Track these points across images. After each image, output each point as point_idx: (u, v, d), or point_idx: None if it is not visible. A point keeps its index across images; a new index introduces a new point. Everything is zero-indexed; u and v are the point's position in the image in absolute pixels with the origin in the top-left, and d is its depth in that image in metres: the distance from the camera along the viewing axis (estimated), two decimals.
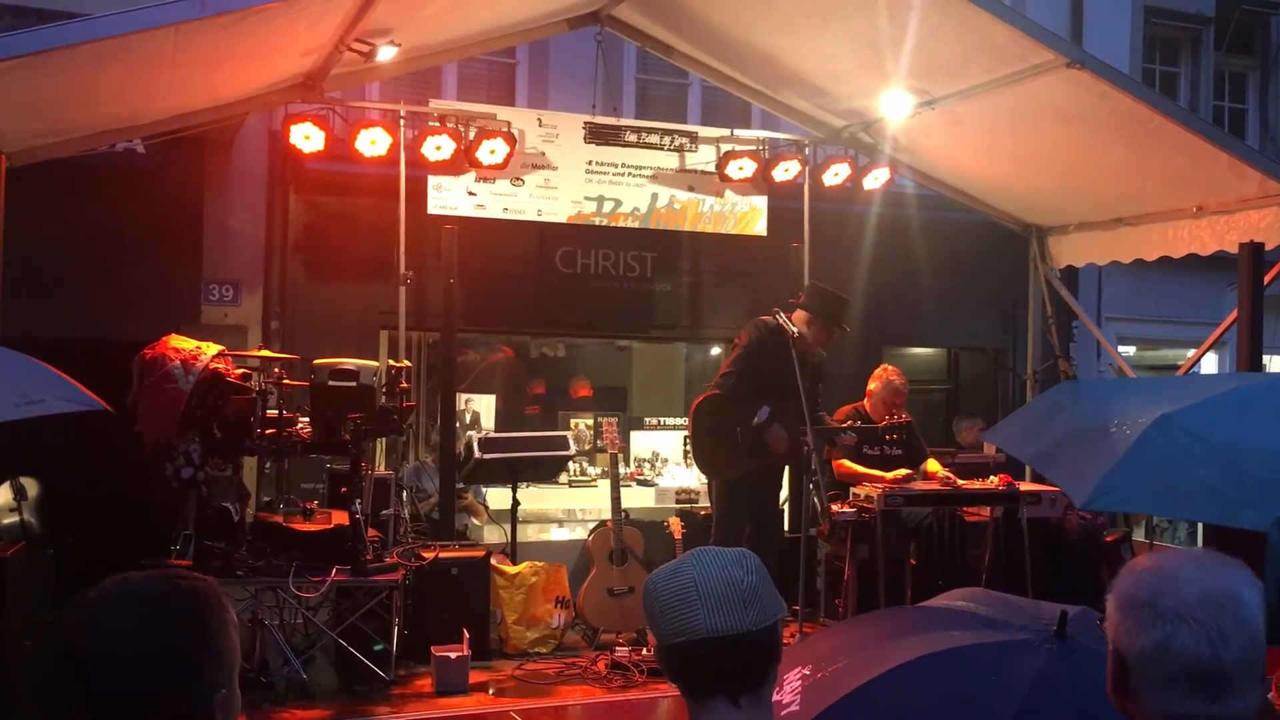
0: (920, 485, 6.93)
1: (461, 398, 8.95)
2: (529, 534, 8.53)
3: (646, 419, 9.92)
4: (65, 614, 1.50)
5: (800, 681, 2.74)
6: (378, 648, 5.97)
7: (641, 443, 9.66)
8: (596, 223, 7.95)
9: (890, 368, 7.26)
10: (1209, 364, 10.77)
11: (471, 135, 7.23)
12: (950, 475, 6.99)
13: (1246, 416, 3.04)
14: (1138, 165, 7.10)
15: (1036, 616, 2.93)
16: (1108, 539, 7.59)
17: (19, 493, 7.09)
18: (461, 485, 7.72)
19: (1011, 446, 3.76)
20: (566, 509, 9.27)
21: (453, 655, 5.85)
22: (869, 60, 6.78)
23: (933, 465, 7.15)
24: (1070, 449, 3.16)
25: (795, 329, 6.29)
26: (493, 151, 7.23)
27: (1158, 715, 1.74)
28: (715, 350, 10.15)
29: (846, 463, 7.12)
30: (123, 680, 1.45)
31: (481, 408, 9.49)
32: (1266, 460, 2.81)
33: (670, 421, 9.78)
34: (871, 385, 7.20)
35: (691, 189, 8.12)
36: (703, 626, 1.85)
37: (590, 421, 9.64)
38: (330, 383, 5.76)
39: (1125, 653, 1.81)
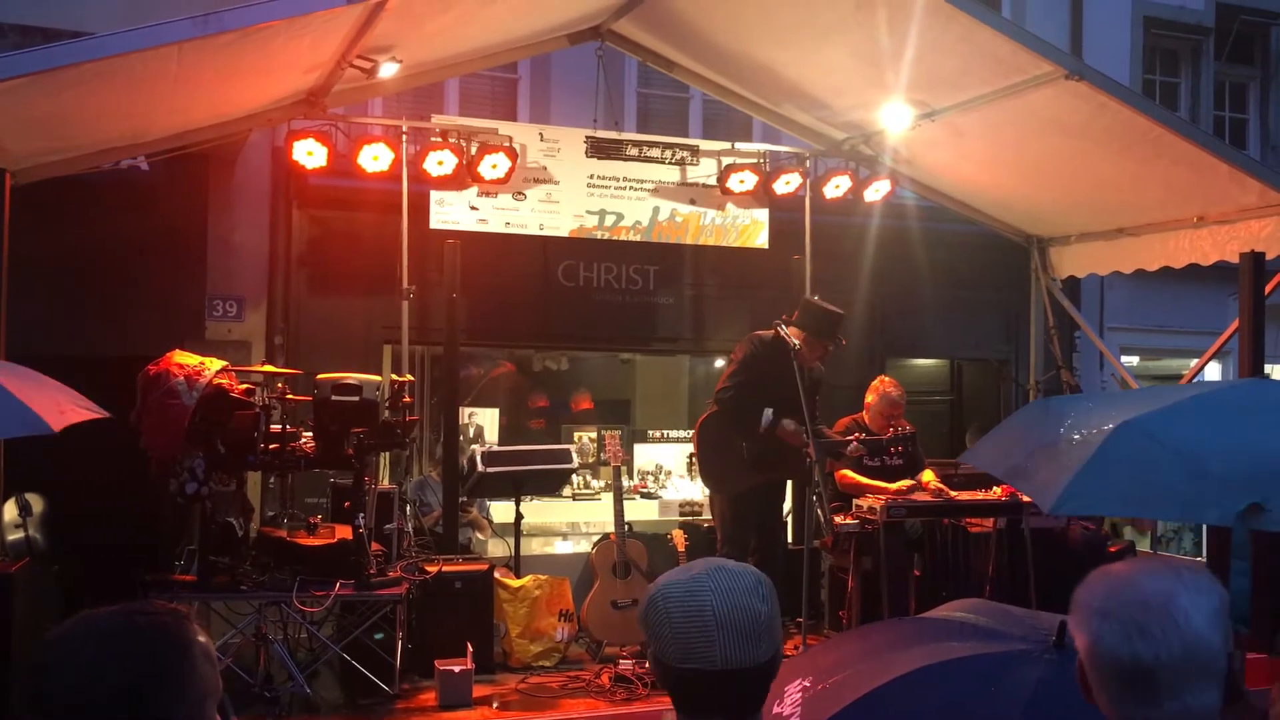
0: (923, 497, 6.94)
1: (465, 412, 8.98)
2: (533, 547, 8.54)
3: (650, 432, 9.94)
4: (30, 655, 1.51)
5: (800, 693, 2.75)
6: (378, 636, 5.99)
7: (645, 455, 9.68)
8: (598, 236, 7.98)
9: (887, 379, 7.27)
10: (1212, 373, 10.77)
11: (473, 150, 7.26)
12: (942, 486, 6.99)
13: (1205, 419, 3.11)
14: (1138, 176, 7.12)
15: (1035, 627, 2.94)
16: (1111, 549, 7.58)
17: (24, 509, 7.12)
18: (465, 499, 7.73)
19: (987, 465, 3.81)
20: (570, 522, 9.28)
21: (456, 669, 5.85)
22: (869, 73, 6.82)
23: (927, 476, 7.15)
24: (1039, 461, 3.22)
25: (794, 343, 6.31)
26: (494, 166, 7.27)
27: (1114, 718, 1.76)
28: (719, 362, 10.15)
29: (849, 473, 7.12)
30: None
31: (485, 421, 9.52)
32: (1225, 459, 2.87)
33: (673, 434, 9.79)
34: (869, 398, 7.21)
35: (693, 202, 8.15)
36: (718, 659, 1.84)
37: (594, 434, 9.67)
38: (333, 397, 5.78)
39: (1080, 655, 1.86)
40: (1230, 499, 2.64)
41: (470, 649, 6.10)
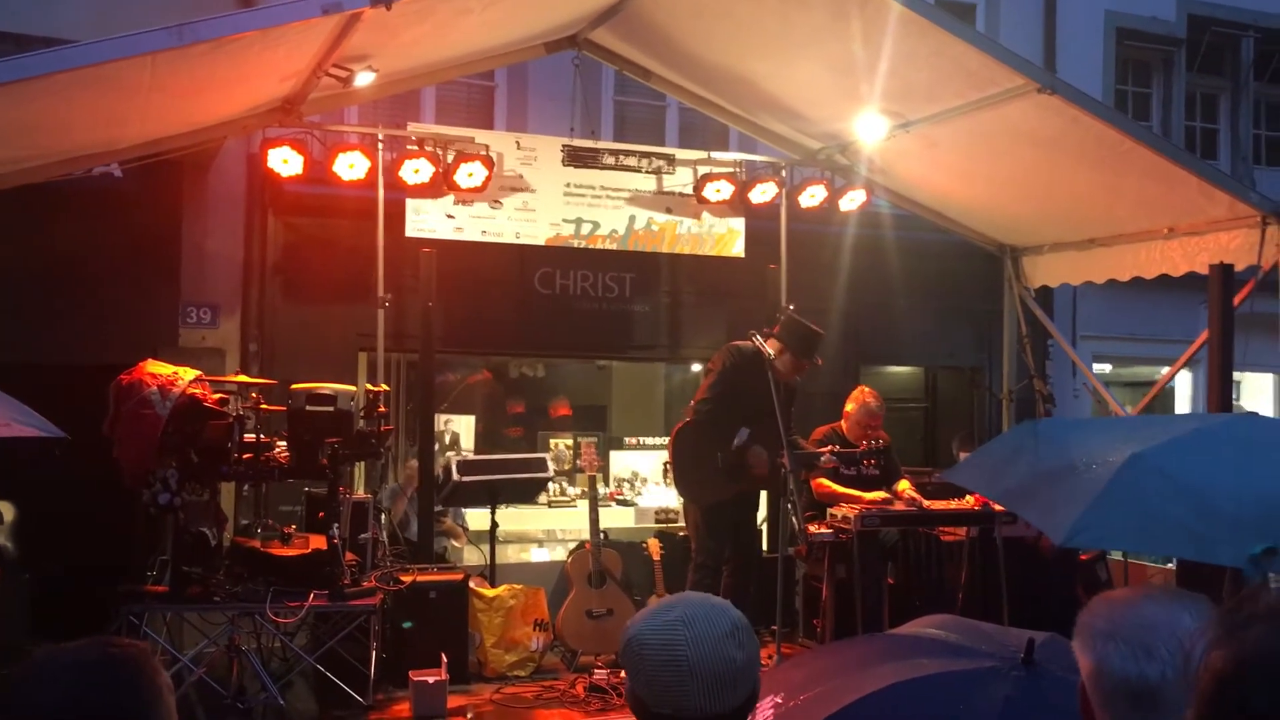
0: (898, 506, 6.98)
1: (441, 419, 8.95)
2: (508, 554, 8.53)
3: (626, 439, 9.94)
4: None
5: (772, 710, 2.77)
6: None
7: (621, 462, 9.69)
8: (575, 245, 7.99)
9: (867, 390, 7.30)
10: (1182, 381, 10.89)
11: (450, 158, 7.26)
12: (916, 496, 7.04)
13: (1211, 455, 3.11)
14: (1109, 188, 7.19)
15: (1005, 644, 2.97)
16: (1082, 557, 7.66)
17: None
18: (440, 508, 7.72)
19: (976, 485, 3.82)
20: (546, 529, 9.28)
21: (431, 680, 5.84)
22: (844, 85, 6.85)
23: (903, 485, 7.20)
24: (1040, 487, 3.22)
25: (770, 353, 6.33)
26: (471, 175, 7.26)
27: None
28: (695, 367, 10.17)
29: (825, 482, 7.16)
30: None
31: (461, 428, 9.50)
32: (1234, 497, 2.88)
33: (649, 441, 9.81)
34: (848, 407, 7.24)
35: (669, 211, 8.18)
36: (694, 706, 1.86)
37: (570, 441, 9.67)
38: (308, 407, 5.77)
39: (1082, 676, 1.94)
40: (1242, 539, 2.65)
41: (445, 659, 6.09)
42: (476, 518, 8.36)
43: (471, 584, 6.66)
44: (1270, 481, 2.97)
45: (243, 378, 6.30)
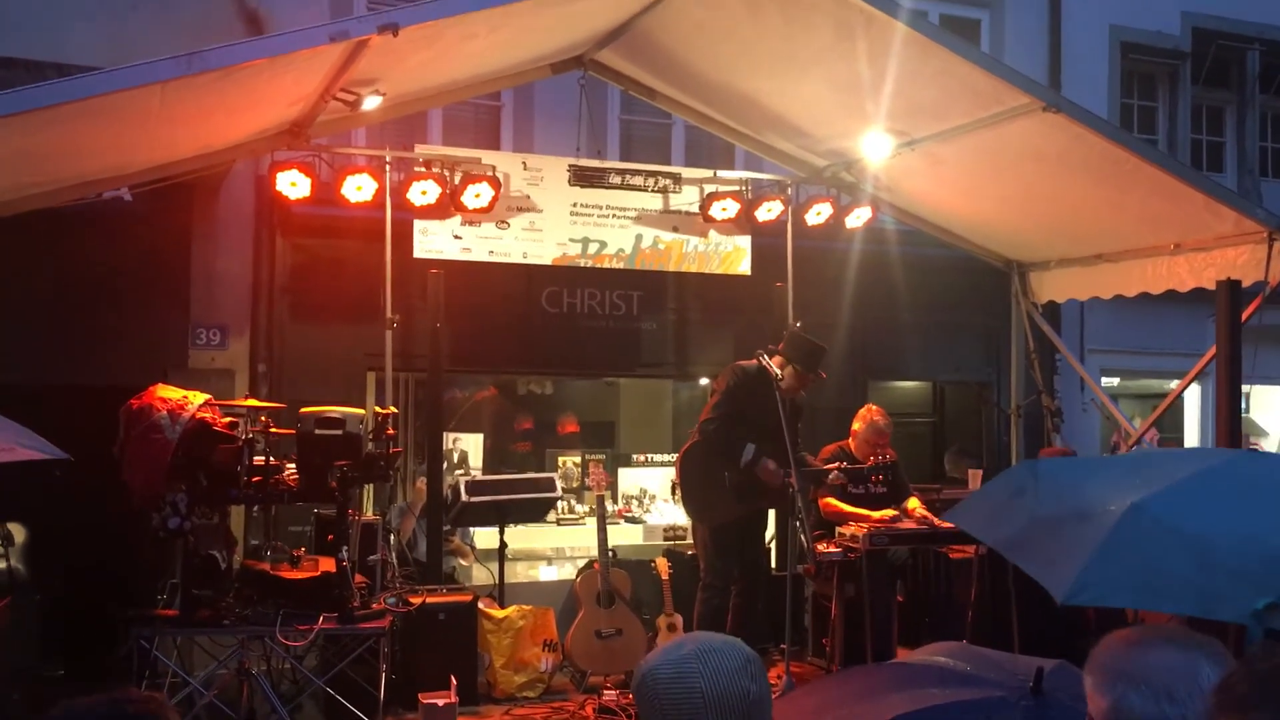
0: (907, 524, 6.97)
1: (449, 437, 8.97)
2: (517, 572, 8.53)
3: (634, 455, 9.94)
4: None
5: None
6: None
7: (629, 480, 9.69)
8: (581, 264, 8.02)
9: (874, 408, 7.30)
10: (1191, 394, 10.86)
11: (457, 180, 7.29)
12: (928, 515, 7.03)
13: (1211, 502, 3.09)
14: (1115, 204, 7.19)
15: (1014, 673, 2.98)
16: None
17: (5, 539, 7.10)
18: (448, 528, 7.73)
19: (977, 530, 3.80)
20: (555, 547, 9.27)
21: (440, 702, 5.84)
22: (849, 103, 6.87)
23: (913, 503, 7.19)
24: (1039, 537, 3.21)
25: (777, 372, 6.34)
26: (478, 195, 7.29)
27: None
28: (703, 380, 10.17)
29: (833, 501, 7.16)
30: None
31: (469, 447, 9.50)
32: (1235, 549, 2.87)
33: (658, 458, 9.81)
34: (856, 425, 7.24)
35: (676, 229, 8.20)
36: None
37: (578, 459, 9.67)
38: (316, 431, 5.78)
39: (1093, 713, 1.99)
40: (1244, 593, 2.65)
41: (454, 681, 6.10)
42: (484, 535, 8.36)
43: (480, 605, 6.67)
44: (1273, 531, 2.95)
45: (252, 401, 6.32)
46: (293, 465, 5.96)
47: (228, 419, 5.91)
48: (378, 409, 6.34)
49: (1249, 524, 2.99)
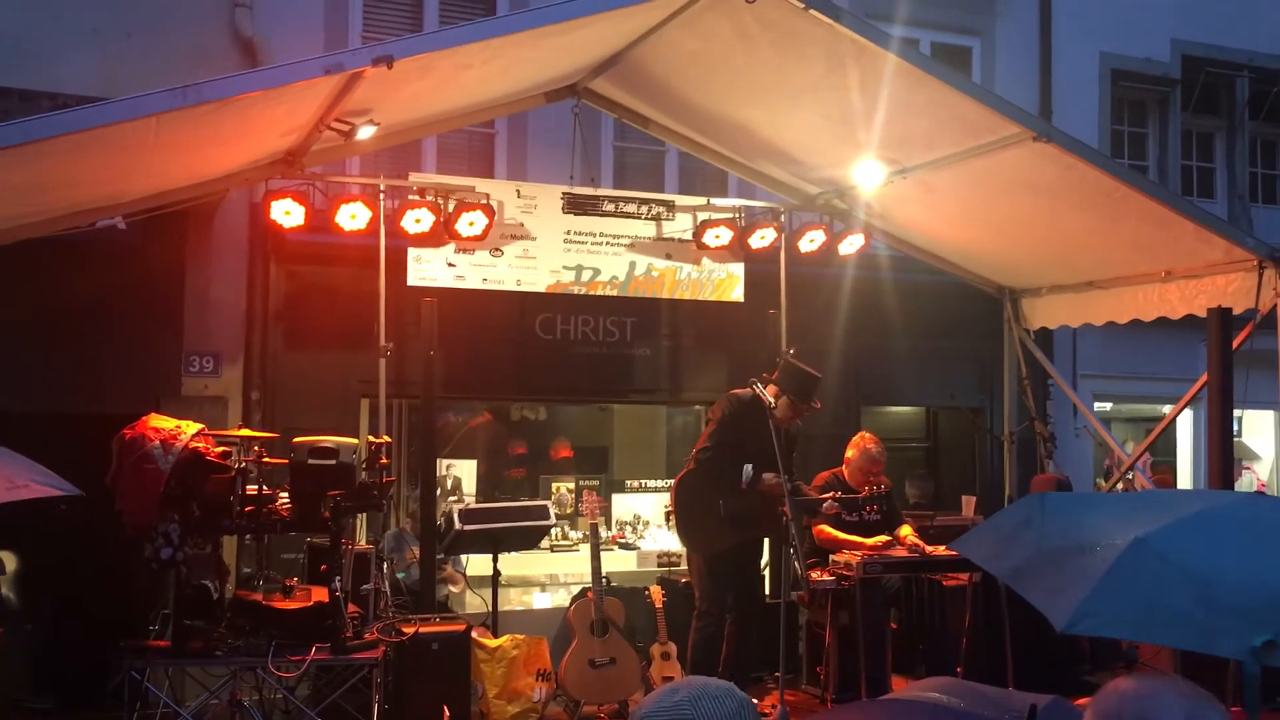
0: (899, 552, 6.98)
1: (443, 463, 8.95)
2: (510, 598, 8.50)
3: (628, 482, 9.94)
4: None
5: None
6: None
7: (623, 505, 9.68)
8: (575, 292, 8.04)
9: (868, 435, 7.31)
10: (1184, 419, 10.89)
11: (451, 208, 7.31)
12: (918, 542, 7.04)
13: (1215, 540, 3.09)
14: (1106, 232, 7.24)
15: (1008, 708, 2.97)
16: None
17: None
18: (441, 556, 7.70)
19: (982, 559, 3.81)
20: (549, 573, 9.25)
21: None
22: (842, 132, 6.92)
23: (905, 530, 7.20)
24: (1043, 567, 3.22)
25: (771, 401, 6.35)
26: (472, 223, 7.31)
27: None
28: (697, 408, 10.18)
29: (827, 529, 7.16)
30: None
31: (462, 473, 9.49)
32: (1237, 587, 2.87)
33: (651, 484, 9.80)
34: (849, 453, 7.25)
35: (669, 257, 8.22)
36: None
37: (571, 485, 9.67)
38: (310, 461, 5.77)
39: None
40: (1244, 631, 2.66)
41: (447, 711, 6.07)
42: (477, 562, 8.34)
43: (474, 634, 6.64)
44: (1275, 571, 2.96)
45: (246, 431, 6.30)
46: (286, 495, 5.95)
47: (221, 448, 5.90)
48: (371, 438, 6.33)
49: (1251, 564, 2.99)
